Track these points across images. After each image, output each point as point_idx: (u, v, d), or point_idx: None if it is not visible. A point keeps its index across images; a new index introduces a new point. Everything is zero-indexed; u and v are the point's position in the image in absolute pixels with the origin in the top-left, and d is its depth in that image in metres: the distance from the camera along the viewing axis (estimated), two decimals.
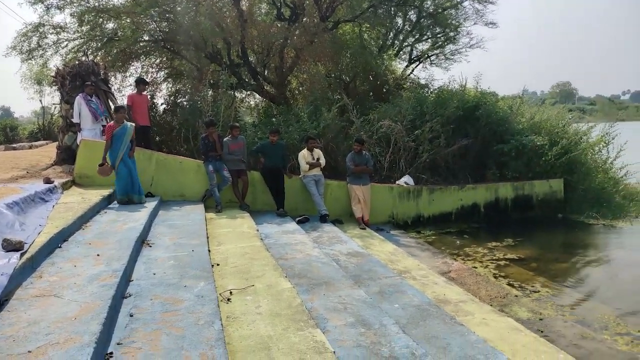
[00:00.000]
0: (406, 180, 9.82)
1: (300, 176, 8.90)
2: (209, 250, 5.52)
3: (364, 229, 8.52)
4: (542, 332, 4.86)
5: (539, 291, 6.10)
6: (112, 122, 7.15)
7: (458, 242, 8.54)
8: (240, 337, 3.56)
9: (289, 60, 12.81)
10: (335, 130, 10.39)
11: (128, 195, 7.19)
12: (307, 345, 3.39)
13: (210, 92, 11.51)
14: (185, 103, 11.98)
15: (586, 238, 8.95)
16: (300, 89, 14.37)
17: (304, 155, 8.79)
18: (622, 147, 11.61)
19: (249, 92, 14.69)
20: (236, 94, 14.15)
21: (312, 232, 7.70)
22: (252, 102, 16.10)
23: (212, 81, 12.02)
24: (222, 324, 3.55)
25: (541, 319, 5.22)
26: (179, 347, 3.13)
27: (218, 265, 5.18)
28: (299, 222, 8.08)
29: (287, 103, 12.41)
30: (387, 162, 10.21)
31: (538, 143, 10.46)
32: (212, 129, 8.33)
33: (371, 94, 13.74)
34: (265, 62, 12.95)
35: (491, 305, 5.41)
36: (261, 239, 6.35)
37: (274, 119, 11.00)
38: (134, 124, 7.38)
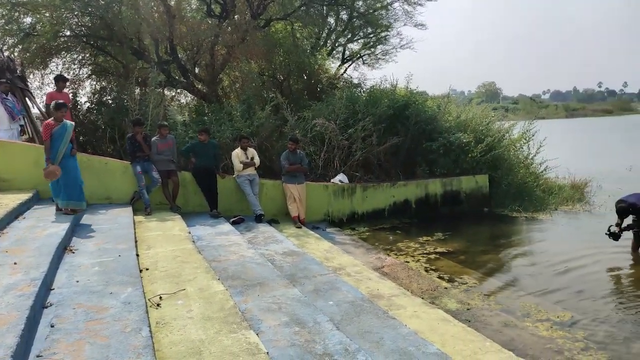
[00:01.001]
0: (340, 178, 9.93)
1: (233, 176, 8.76)
2: (138, 255, 5.31)
3: (300, 227, 8.52)
4: (469, 321, 5.07)
5: (466, 283, 6.36)
6: (50, 120, 6.43)
7: (391, 237, 8.74)
8: (170, 342, 3.44)
9: (220, 58, 12.57)
10: (269, 129, 10.32)
11: (66, 202, 6.44)
12: (239, 348, 3.33)
13: (138, 90, 11.08)
14: (110, 101, 11.47)
15: (510, 230, 9.43)
16: (233, 87, 14.15)
17: (237, 155, 8.65)
18: (542, 144, 12.37)
19: (179, 90, 14.28)
20: (165, 92, 13.71)
21: (247, 233, 7.60)
22: (183, 101, 15.68)
23: (139, 79, 11.57)
24: (150, 331, 3.42)
25: (469, 309, 5.44)
26: (104, 357, 2.98)
27: (147, 269, 4.99)
28: (233, 223, 7.95)
29: (220, 101, 12.16)
30: (322, 160, 10.27)
31: (464, 140, 10.89)
32: (139, 129, 8.01)
33: (305, 92, 13.75)
34: (195, 59, 12.64)
35: (422, 298, 5.58)
36: (193, 242, 6.18)
37: (205, 118, 10.75)
38: (74, 123, 6.74)
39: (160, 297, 4.23)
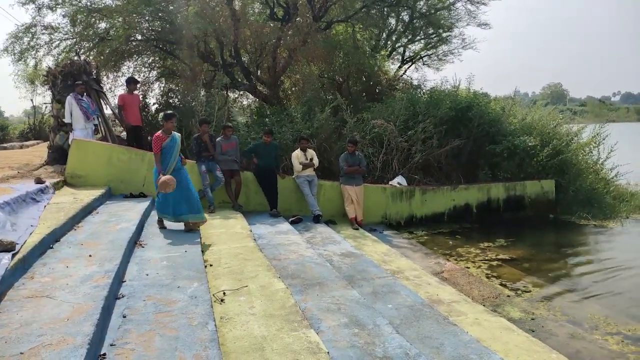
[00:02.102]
0: (399, 180, 9.85)
1: (293, 176, 8.90)
2: (202, 251, 5.51)
3: (357, 229, 8.53)
4: (534, 331, 4.90)
5: (530, 291, 6.14)
6: (159, 132, 6.12)
7: (450, 242, 8.57)
8: (234, 337, 3.55)
9: (281, 61, 12.80)
10: (328, 131, 10.39)
11: (177, 217, 6.18)
12: (301, 346, 3.39)
13: (203, 91, 11.48)
14: (177, 103, 11.94)
15: (577, 238, 9.02)
16: (294, 89, 14.36)
17: (297, 156, 8.78)
18: (613, 148, 11.71)
19: (242, 92, 14.67)
20: (229, 93, 14.14)
21: (306, 233, 7.70)
22: (245, 102, 16.11)
23: (205, 81, 11.98)
24: (215, 325, 3.55)
25: (533, 319, 5.26)
26: (173, 348, 3.12)
27: (211, 265, 5.17)
28: (292, 223, 8.07)
29: (280, 103, 12.40)
30: (380, 162, 10.23)
31: (530, 144, 10.51)
32: (205, 127, 8.29)
33: (364, 94, 13.76)
34: (258, 62, 12.93)
35: (484, 305, 5.44)
36: (254, 240, 6.34)
37: (266, 119, 10.99)
38: (180, 135, 6.41)
39: (224, 293, 4.37)
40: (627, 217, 10.32)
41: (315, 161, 8.88)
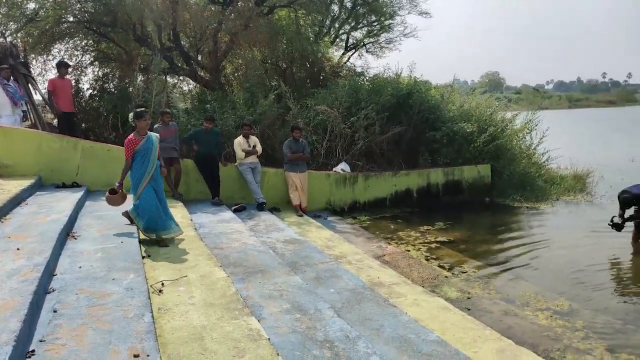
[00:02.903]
0: (343, 167, 9.94)
1: (235, 164, 8.78)
2: (140, 242, 5.34)
3: (302, 216, 8.55)
4: (469, 310, 5.10)
5: (467, 271, 6.39)
6: (131, 135, 5.36)
7: (392, 226, 8.77)
8: (172, 328, 3.47)
9: (223, 45, 12.51)
10: (271, 117, 10.31)
11: (157, 232, 5.47)
12: (241, 334, 3.36)
13: (140, 77, 11.05)
14: (113, 88, 11.45)
15: (511, 220, 9.44)
16: (236, 74, 14.11)
17: (239, 143, 8.66)
18: (544, 134, 12.34)
19: (181, 78, 14.24)
20: (168, 79, 13.69)
21: (249, 221, 7.63)
22: (185, 88, 15.65)
23: (142, 65, 11.53)
24: (152, 316, 3.46)
25: (469, 298, 5.48)
26: (107, 342, 3.01)
27: (149, 256, 5.02)
28: (235, 211, 7.97)
29: (222, 89, 12.15)
30: (324, 149, 10.27)
31: (468, 130, 10.87)
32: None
33: (308, 81, 13.72)
34: (198, 46, 12.59)
35: (423, 286, 5.61)
36: (195, 229, 6.22)
37: (208, 106, 10.74)
38: (158, 135, 5.72)
39: (162, 284, 4.26)
40: (557, 199, 10.90)
41: (259, 148, 8.79)
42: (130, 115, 5.46)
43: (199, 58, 12.94)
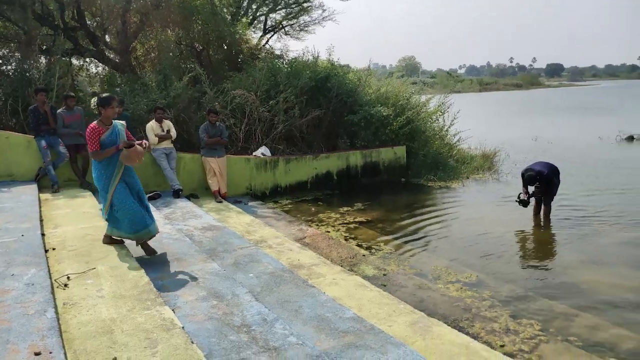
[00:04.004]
0: (263, 151, 9.85)
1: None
2: (43, 234, 5.00)
3: (221, 202, 8.39)
4: (385, 286, 5.28)
5: (383, 249, 6.60)
6: (94, 123, 4.62)
7: (313, 209, 8.85)
8: (79, 323, 3.29)
9: (133, 26, 11.88)
10: (187, 101, 9.97)
11: (148, 230, 4.78)
12: (154, 324, 3.25)
13: (43, 59, 10.24)
14: (11, 71, 10.52)
15: (425, 199, 9.84)
16: (148, 57, 13.46)
17: (152, 127, 8.30)
18: (456, 116, 12.94)
19: (88, 60, 13.37)
20: (73, 61, 12.80)
21: (165, 209, 7.38)
22: (93, 71, 14.71)
23: (43, 46, 10.68)
24: (57, 312, 3.27)
25: (385, 275, 5.66)
26: (4, 341, 2.82)
27: (54, 249, 4.71)
28: (149, 199, 7.59)
29: (133, 71, 11.56)
30: (243, 133, 10.11)
31: (384, 113, 11.14)
32: (42, 96, 7.42)
33: (226, 63, 13.39)
34: (105, 26, 11.86)
35: (342, 265, 5.72)
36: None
37: (118, 89, 10.19)
38: (124, 122, 4.97)
39: (68, 277, 4.01)
40: (467, 177, 11.48)
41: (173, 133, 8.48)
42: (93, 100, 4.70)
43: (107, 39, 12.21)
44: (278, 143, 10.43)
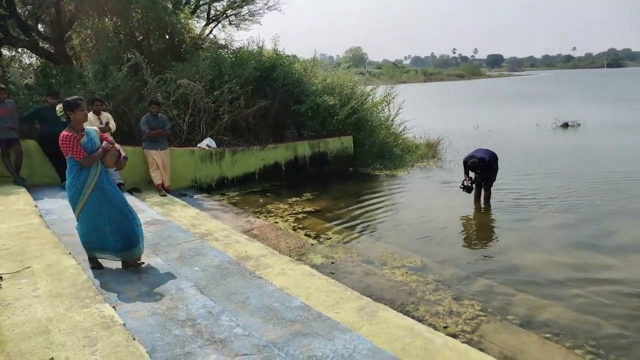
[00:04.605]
0: (208, 142, 9.67)
1: None
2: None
3: (165, 195, 8.18)
4: (333, 273, 5.33)
5: (331, 238, 6.66)
6: (66, 130, 4.04)
7: (261, 200, 8.80)
8: (12, 324, 3.14)
9: (67, 14, 11.32)
10: (127, 92, 9.63)
11: (95, 250, 4.33)
12: (93, 322, 3.15)
13: None
14: None
15: (372, 187, 9.98)
16: (85, 46, 12.87)
17: (90, 120, 7.95)
18: (401, 106, 13.16)
19: (20, 50, 12.64)
20: (4, 51, 12.08)
21: None
22: (26, 61, 13.93)
23: None
24: None
25: (333, 263, 5.71)
26: None
27: None
28: None
29: (69, 62, 11.05)
30: (187, 124, 9.89)
31: (330, 103, 11.19)
32: None
33: (168, 53, 13.01)
34: (38, 14, 11.24)
35: (290, 255, 5.73)
36: (41, 216, 5.65)
37: (53, 80, 9.71)
38: (96, 129, 4.37)
39: (1, 277, 3.82)
40: (412, 165, 11.74)
41: (112, 125, 8.16)
42: (59, 107, 4.10)
43: (40, 28, 11.58)
44: (224, 134, 10.27)
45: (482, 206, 8.06)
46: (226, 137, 10.28)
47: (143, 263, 4.46)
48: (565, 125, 18.36)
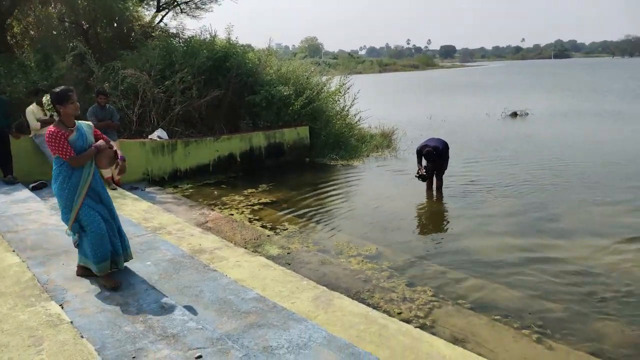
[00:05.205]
0: (159, 134, 9.43)
1: (31, 136, 7.73)
2: None
3: (115, 189, 7.92)
4: (289, 264, 5.33)
5: (287, 229, 6.65)
6: (52, 126, 3.65)
7: (216, 192, 8.68)
8: None
9: (7, 0, 10.73)
10: (72, 82, 9.23)
11: (114, 259, 3.91)
12: (38, 321, 3.04)
13: None
14: None
15: (328, 177, 10.02)
16: (27, 34, 12.26)
17: (33, 111, 7.61)
18: (356, 96, 13.24)
19: None
20: None
21: (51, 199, 6.80)
22: None
23: None
24: None
25: (289, 253, 5.71)
26: None
27: None
28: (33, 189, 7.08)
29: (10, 50, 10.49)
30: (136, 115, 9.61)
31: (285, 93, 11.12)
32: None
33: (117, 42, 12.57)
34: None
35: (245, 247, 5.69)
36: None
37: None
38: (90, 123, 3.97)
39: None
40: (367, 155, 11.86)
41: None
42: (45, 99, 3.38)
43: None
44: (176, 125, 10.05)
45: (435, 194, 8.24)
46: (178, 128, 10.06)
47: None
48: (514, 115, 18.98)
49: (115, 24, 12.74)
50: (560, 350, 3.83)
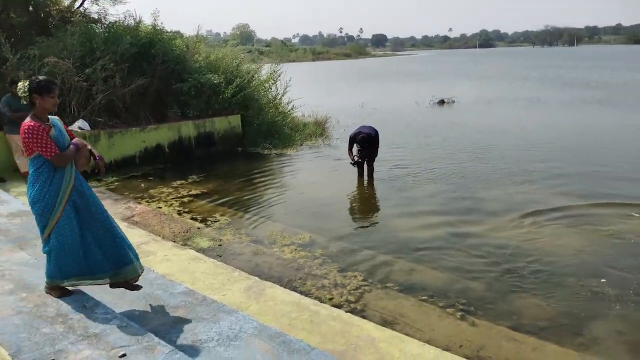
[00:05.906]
0: (80, 125, 8.93)
1: None
2: None
3: None
4: (221, 256, 5.27)
5: (219, 220, 6.55)
6: (29, 120, 3.15)
7: (143, 185, 8.38)
8: None
9: None
10: None
11: (75, 278, 3.39)
12: None
13: None
14: None
15: (261, 167, 9.94)
16: None
17: None
18: (288, 84, 13.17)
19: None
20: None
21: None
22: None
23: None
24: None
25: (220, 245, 5.64)
26: None
27: None
28: None
29: None
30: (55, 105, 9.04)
31: (215, 81, 10.85)
32: None
33: (33, 28, 11.74)
34: None
35: (174, 241, 5.56)
36: None
37: None
38: (59, 118, 3.53)
39: None
40: (301, 144, 11.86)
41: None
42: (22, 87, 2.86)
43: None
44: (98, 115, 9.55)
45: (366, 180, 8.40)
46: (101, 119, 9.57)
47: (139, 287, 3.59)
48: (442, 102, 19.67)
49: (31, 8, 11.91)
50: (483, 326, 4.04)
